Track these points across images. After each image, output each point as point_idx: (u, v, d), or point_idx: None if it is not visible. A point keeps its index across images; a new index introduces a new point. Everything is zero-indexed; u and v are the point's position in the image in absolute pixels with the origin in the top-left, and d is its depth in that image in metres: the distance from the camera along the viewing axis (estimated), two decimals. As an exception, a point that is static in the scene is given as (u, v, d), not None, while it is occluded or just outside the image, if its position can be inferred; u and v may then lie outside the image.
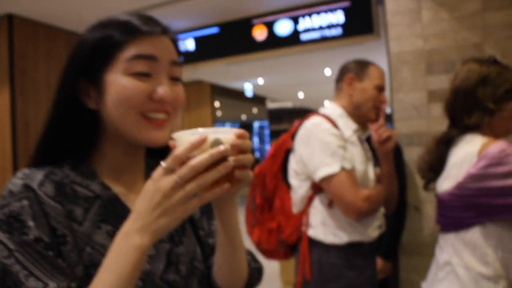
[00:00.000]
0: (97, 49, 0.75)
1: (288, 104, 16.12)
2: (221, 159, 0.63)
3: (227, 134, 0.66)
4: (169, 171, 0.63)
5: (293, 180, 1.97)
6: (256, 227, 2.11)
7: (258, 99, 12.69)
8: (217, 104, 10.55)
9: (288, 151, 2.02)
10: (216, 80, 9.79)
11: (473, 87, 1.54)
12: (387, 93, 2.51)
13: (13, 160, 4.78)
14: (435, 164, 1.66)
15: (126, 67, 0.75)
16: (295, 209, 1.96)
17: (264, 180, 2.08)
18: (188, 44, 5.66)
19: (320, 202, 1.90)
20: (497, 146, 1.42)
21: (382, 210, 1.97)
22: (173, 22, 5.44)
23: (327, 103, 2.07)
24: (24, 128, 4.89)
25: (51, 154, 0.79)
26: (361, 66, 1.96)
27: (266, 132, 14.31)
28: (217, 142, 0.64)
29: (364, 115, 1.94)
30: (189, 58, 5.69)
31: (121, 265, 0.63)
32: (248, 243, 1.13)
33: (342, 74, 2.01)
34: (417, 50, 2.63)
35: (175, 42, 0.83)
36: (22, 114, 4.88)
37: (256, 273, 0.92)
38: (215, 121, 10.34)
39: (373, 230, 1.90)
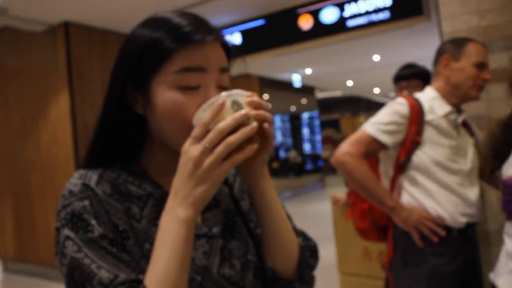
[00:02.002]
0: (144, 55, 0.74)
1: (337, 93, 15.86)
2: (245, 123, 0.65)
3: (241, 96, 0.69)
4: (197, 139, 0.65)
5: (380, 161, 2.00)
6: (350, 207, 2.20)
7: (307, 89, 12.57)
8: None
9: None
10: (264, 72, 9.80)
11: None
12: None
13: (74, 159, 5.03)
14: (500, 150, 1.57)
15: (174, 79, 0.72)
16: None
17: None
18: (235, 38, 5.69)
19: (404, 183, 1.88)
20: None
21: (474, 198, 1.86)
22: (219, 17, 5.48)
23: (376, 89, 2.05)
24: (84, 129, 5.13)
25: (102, 157, 0.81)
26: (457, 45, 1.88)
27: (316, 122, 14.15)
28: (235, 103, 0.67)
29: (465, 95, 1.86)
30: (236, 52, 5.70)
31: (172, 240, 0.65)
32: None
33: (438, 57, 1.94)
34: (473, 28, 2.50)
35: (226, 46, 0.81)
36: (81, 115, 5.12)
37: (307, 250, 0.89)
38: (265, 114, 10.32)
39: (460, 216, 1.81)
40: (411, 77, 2.67)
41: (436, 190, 1.81)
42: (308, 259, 0.88)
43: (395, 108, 1.86)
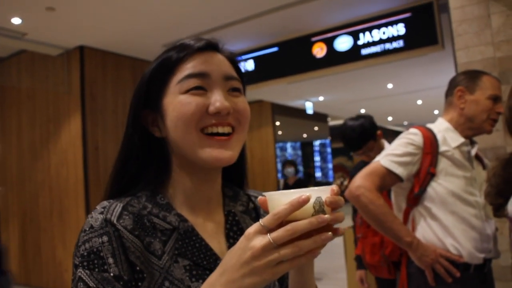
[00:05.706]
0: (153, 77, 0.78)
1: (350, 121, 15.79)
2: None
3: (325, 193, 0.62)
4: (266, 230, 0.60)
5: (392, 193, 1.96)
6: (359, 240, 2.16)
7: (319, 117, 12.57)
8: (278, 123, 10.56)
9: None
10: (277, 99, 9.82)
11: None
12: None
13: (84, 182, 5.02)
14: (503, 188, 1.53)
15: (180, 87, 0.76)
16: None
17: None
18: (248, 64, 5.72)
19: (418, 216, 1.83)
20: None
21: (491, 232, 1.81)
22: (233, 44, 5.53)
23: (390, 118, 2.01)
24: (94, 152, 5.14)
25: (126, 185, 0.81)
26: (472, 78, 1.87)
27: (328, 150, 14.09)
28: (318, 202, 0.61)
29: (478, 127, 1.85)
30: (249, 78, 5.74)
31: None
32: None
33: (451, 88, 1.93)
34: (488, 59, 2.47)
35: (231, 60, 0.83)
36: (92, 138, 5.14)
37: None
38: (277, 141, 10.36)
39: (478, 252, 1.75)
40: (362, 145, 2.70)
41: (454, 224, 1.76)
42: None
43: (409, 139, 1.83)
